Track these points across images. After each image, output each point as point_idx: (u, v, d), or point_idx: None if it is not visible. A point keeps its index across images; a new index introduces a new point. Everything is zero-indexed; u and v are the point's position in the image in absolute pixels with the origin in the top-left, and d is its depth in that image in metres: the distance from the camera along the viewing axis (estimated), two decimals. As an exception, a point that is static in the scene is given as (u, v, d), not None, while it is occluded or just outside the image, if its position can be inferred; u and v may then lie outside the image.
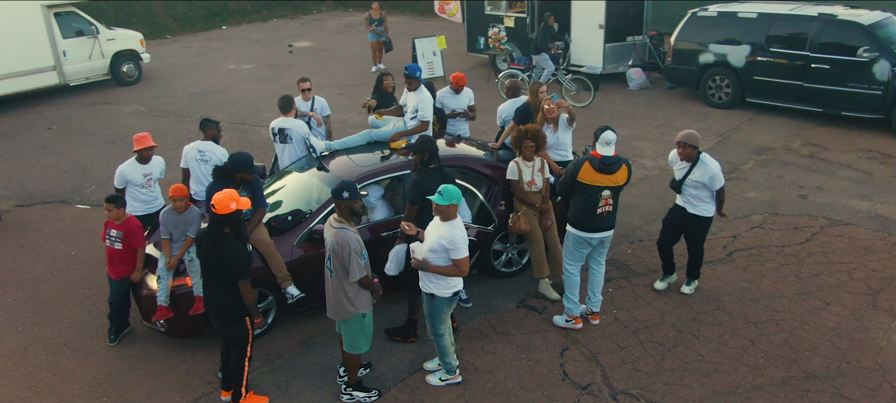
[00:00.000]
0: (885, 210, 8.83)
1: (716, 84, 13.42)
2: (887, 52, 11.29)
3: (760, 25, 12.66)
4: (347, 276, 5.25)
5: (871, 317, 6.61)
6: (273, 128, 8.22)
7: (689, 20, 13.76)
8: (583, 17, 15.31)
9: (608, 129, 6.26)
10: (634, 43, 15.58)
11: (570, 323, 6.63)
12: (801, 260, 7.68)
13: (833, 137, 11.55)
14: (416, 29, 22.45)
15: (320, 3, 29.46)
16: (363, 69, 17.90)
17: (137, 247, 6.50)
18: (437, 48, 16.32)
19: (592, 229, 6.32)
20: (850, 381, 5.76)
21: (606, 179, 6.17)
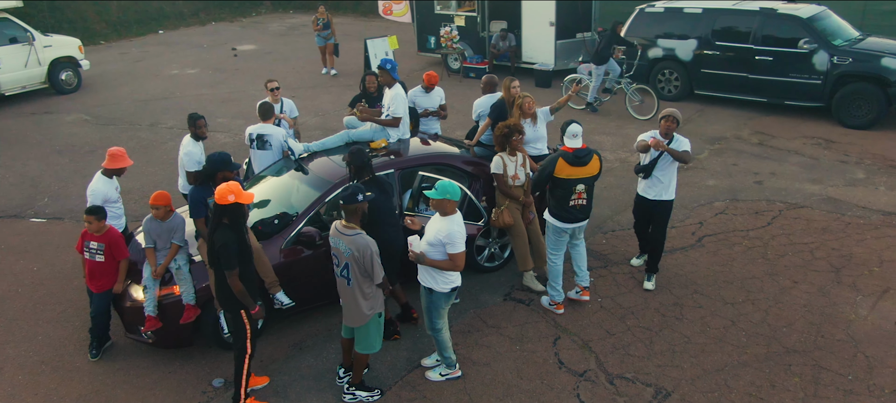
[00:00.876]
0: (835, 192, 9.34)
1: (665, 77, 13.89)
2: (825, 44, 11.92)
3: (706, 20, 13.16)
4: (373, 279, 5.26)
5: (838, 293, 6.99)
6: (250, 134, 8.10)
7: (637, 16, 14.19)
8: (533, 15, 15.59)
9: (574, 123, 6.50)
10: (584, 39, 15.94)
11: (552, 307, 6.85)
12: (765, 243, 8.06)
13: (779, 126, 12.12)
14: (360, 30, 22.34)
15: (259, 6, 28.98)
16: (312, 71, 17.76)
17: (121, 259, 6.32)
18: (389, 48, 16.31)
19: (568, 221, 6.55)
20: (826, 353, 6.10)
21: (580, 171, 6.40)
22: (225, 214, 5.11)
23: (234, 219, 5.15)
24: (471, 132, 9.10)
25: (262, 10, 28.80)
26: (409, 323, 6.69)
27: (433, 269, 5.48)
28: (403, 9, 18.27)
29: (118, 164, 6.87)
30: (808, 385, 5.71)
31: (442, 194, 5.41)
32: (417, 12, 17.58)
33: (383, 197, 6.19)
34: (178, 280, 6.18)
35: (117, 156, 6.86)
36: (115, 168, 6.87)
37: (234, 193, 5.10)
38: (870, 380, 5.74)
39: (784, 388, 5.69)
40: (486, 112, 8.44)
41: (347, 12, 27.28)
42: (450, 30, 16.22)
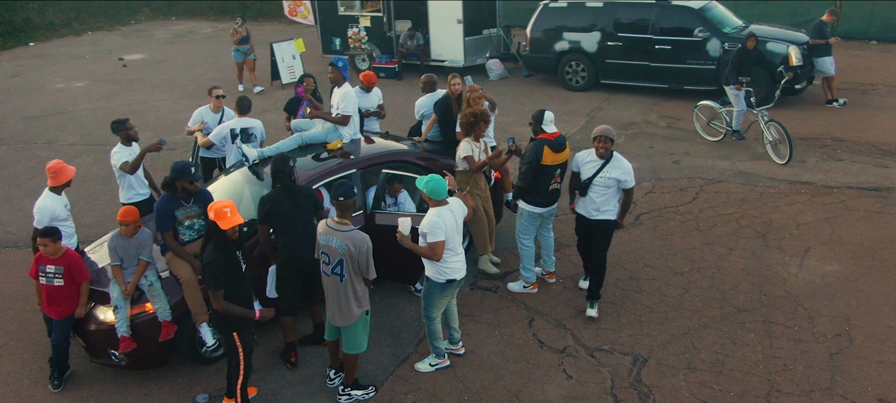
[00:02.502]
0: (744, 166, 10.22)
1: (572, 69, 14.56)
2: (717, 32, 12.95)
3: (607, 13, 13.92)
4: (367, 274, 5.30)
5: (768, 255, 7.71)
6: (234, 130, 7.95)
7: (541, 11, 14.78)
8: (440, 13, 15.87)
9: (547, 110, 6.79)
10: (490, 36, 16.40)
11: (527, 288, 7.16)
12: (695, 216, 8.72)
13: (681, 109, 13.04)
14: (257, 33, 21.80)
15: (137, 13, 27.57)
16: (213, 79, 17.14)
17: (82, 281, 5.99)
18: (295, 51, 16.11)
19: (545, 205, 6.85)
20: (772, 310, 6.74)
21: (560, 157, 6.71)
22: (212, 231, 5.01)
23: (218, 239, 5.04)
24: (412, 130, 9.26)
25: (142, 17, 27.42)
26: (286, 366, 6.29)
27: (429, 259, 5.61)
28: (306, 10, 18.04)
29: (63, 178, 6.51)
30: (762, 339, 6.30)
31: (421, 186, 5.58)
32: (320, 14, 17.43)
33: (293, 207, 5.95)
34: (150, 296, 5.94)
35: (58, 171, 6.49)
36: (62, 183, 6.50)
37: (215, 211, 5.00)
38: (813, 329, 6.41)
39: (744, 344, 6.25)
40: (429, 111, 8.63)
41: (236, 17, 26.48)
42: (358, 30, 16.21)
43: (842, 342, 6.22)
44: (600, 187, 6.33)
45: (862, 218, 8.44)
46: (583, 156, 6.49)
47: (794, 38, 12.81)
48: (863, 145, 10.84)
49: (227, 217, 4.99)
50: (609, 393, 5.74)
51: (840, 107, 12.69)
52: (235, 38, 15.32)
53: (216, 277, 5.05)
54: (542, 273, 7.31)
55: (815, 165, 10.12)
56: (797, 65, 12.41)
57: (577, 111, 13.22)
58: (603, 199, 6.37)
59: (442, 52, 16.12)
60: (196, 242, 6.22)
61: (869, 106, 12.69)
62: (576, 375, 5.96)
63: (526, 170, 6.69)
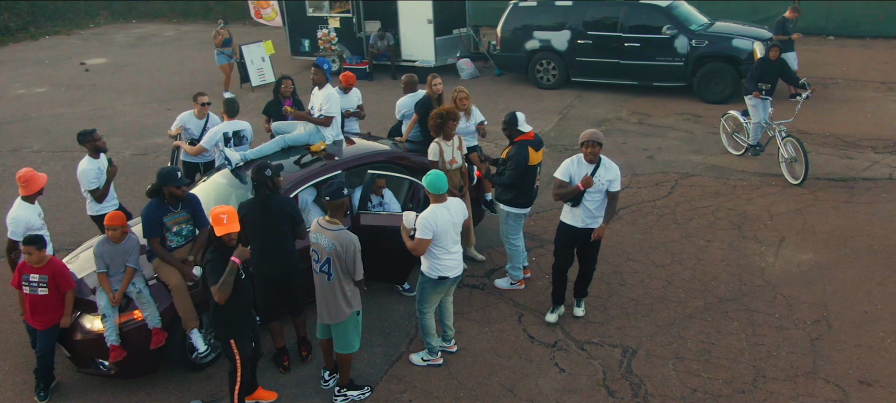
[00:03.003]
0: (716, 160, 10.47)
1: (543, 67, 14.72)
2: (684, 29, 13.22)
3: (577, 12, 14.10)
4: (354, 275, 5.32)
5: (745, 246, 7.92)
6: (226, 133, 7.85)
7: (512, 10, 14.90)
8: (410, 13, 15.89)
9: (518, 112, 6.88)
10: (460, 35, 16.48)
11: (513, 285, 7.28)
12: (672, 210, 8.91)
13: (651, 105, 13.28)
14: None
15: (96, 17, 26.98)
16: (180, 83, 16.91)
17: (67, 290, 5.88)
18: (265, 54, 15.97)
19: (529, 204, 6.98)
20: (753, 298, 6.93)
21: (540, 156, 6.85)
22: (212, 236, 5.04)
23: (218, 243, 5.06)
24: (393, 130, 9.26)
25: (101, 20, 26.85)
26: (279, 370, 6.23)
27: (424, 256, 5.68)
28: (272, 12, 17.88)
29: (35, 187, 6.38)
30: (746, 327, 6.48)
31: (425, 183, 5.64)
32: (288, 15, 17.30)
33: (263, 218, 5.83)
34: (139, 304, 5.86)
35: (30, 179, 6.36)
36: (35, 192, 6.37)
37: (212, 216, 5.01)
38: (793, 316, 6.61)
39: (728, 332, 6.42)
40: (410, 111, 8.65)
41: (198, 19, 26.17)
42: (327, 31, 16.13)
43: (821, 327, 6.42)
44: (595, 193, 6.16)
45: (831, 208, 8.71)
46: (572, 165, 6.22)
47: (759, 35, 13.16)
48: (827, 137, 11.19)
49: (222, 224, 4.98)
50: (602, 385, 5.84)
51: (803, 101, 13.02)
52: (218, 40, 14.99)
53: (216, 274, 5.03)
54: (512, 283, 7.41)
55: (783, 158, 10.39)
56: (762, 60, 12.72)
57: (549, 109, 13.37)
58: (597, 206, 6.22)
59: (413, 52, 16.13)
60: (184, 248, 6.17)
61: (830, 99, 13.09)
62: (568, 368, 6.05)
63: (512, 173, 6.71)
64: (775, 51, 10.02)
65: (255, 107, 14.43)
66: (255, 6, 18.12)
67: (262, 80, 15.88)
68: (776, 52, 10.02)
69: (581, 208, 6.23)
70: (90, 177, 7.14)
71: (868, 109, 12.41)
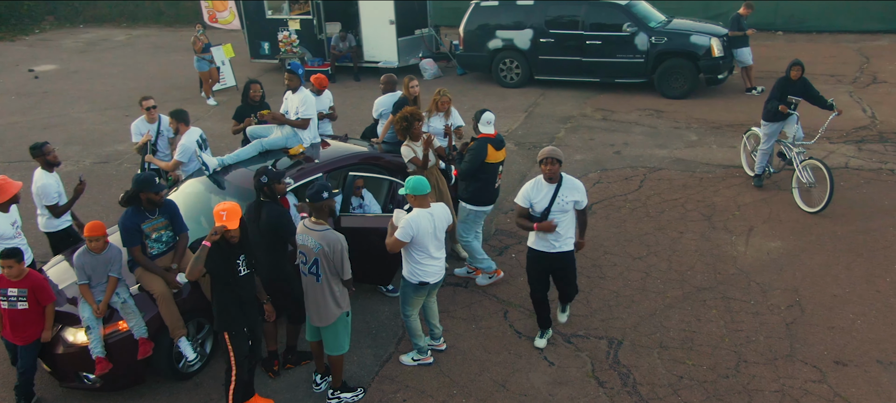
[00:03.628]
0: (681, 154, 10.75)
1: (506, 66, 14.86)
2: (644, 27, 13.51)
3: (538, 11, 14.27)
4: (342, 274, 5.32)
5: (716, 236, 8.16)
6: (198, 140, 7.72)
7: (473, 10, 14.99)
8: (372, 14, 15.85)
9: (487, 111, 7.01)
10: (422, 36, 16.51)
11: (492, 278, 7.38)
12: (644, 203, 9.12)
13: (614, 101, 13.54)
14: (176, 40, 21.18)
15: (41, 22, 26.13)
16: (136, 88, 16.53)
17: (47, 303, 5.73)
18: (224, 57, 15.73)
19: (490, 202, 7.14)
20: (728, 286, 7.15)
21: (500, 155, 6.99)
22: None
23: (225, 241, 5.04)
24: (367, 131, 9.26)
25: (46, 26, 26.01)
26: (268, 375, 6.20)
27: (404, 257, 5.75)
28: (230, 15, 17.60)
29: (7, 194, 6.21)
30: (724, 314, 6.69)
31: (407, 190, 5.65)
32: (247, 18, 17.06)
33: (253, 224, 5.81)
34: (124, 314, 5.74)
35: (2, 187, 6.18)
36: (7, 199, 6.20)
37: (214, 213, 5.00)
38: (767, 302, 6.85)
39: (708, 320, 6.62)
40: (387, 109, 8.67)
41: (149, 23, 25.60)
42: (288, 34, 15.97)
43: (794, 312, 6.67)
44: (559, 213, 5.84)
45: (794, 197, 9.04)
46: (531, 189, 5.91)
47: (715, 31, 13.53)
48: (784, 129, 11.57)
49: (220, 220, 4.96)
50: (591, 376, 5.96)
51: (758, 94, 13.48)
52: (198, 46, 14.53)
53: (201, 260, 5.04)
54: (468, 271, 7.54)
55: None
56: (719, 56, 13.11)
57: (514, 107, 13.51)
58: (564, 227, 5.88)
59: (375, 53, 16.10)
60: (166, 255, 6.08)
61: (784, 92, 13.53)
62: (557, 361, 6.16)
63: (467, 164, 6.92)
64: (797, 70, 8.80)
65: (217, 111, 14.26)
66: (209, 9, 17.81)
67: (223, 84, 15.65)
68: (798, 72, 8.81)
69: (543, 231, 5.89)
70: (50, 191, 6.94)
71: (820, 101, 12.87)
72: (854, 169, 9.82)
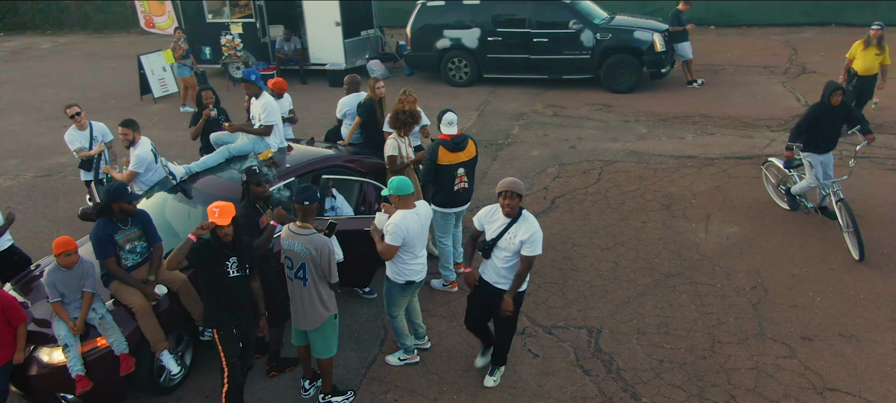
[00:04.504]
0: (633, 146, 11.08)
1: (455, 65, 14.96)
2: (589, 24, 13.84)
3: (484, 10, 14.43)
4: (329, 278, 5.30)
5: (677, 224, 8.46)
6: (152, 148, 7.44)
7: (420, 10, 15.04)
8: (317, 15, 15.70)
9: (449, 111, 7.06)
10: (368, 37, 16.44)
11: (446, 287, 7.39)
12: (604, 196, 9.36)
13: (563, 97, 13.82)
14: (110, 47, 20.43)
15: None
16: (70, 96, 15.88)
17: (19, 324, 5.49)
18: (165, 63, 15.29)
19: (453, 205, 7.10)
20: (694, 272, 7.43)
21: (460, 156, 6.94)
22: None
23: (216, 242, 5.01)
24: (330, 132, 9.20)
25: (-39, 35, 24.69)
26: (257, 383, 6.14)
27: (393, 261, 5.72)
28: (168, 20, 17.11)
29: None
30: (694, 298, 6.95)
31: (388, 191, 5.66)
32: (186, 22, 16.61)
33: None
34: (103, 330, 5.56)
35: None
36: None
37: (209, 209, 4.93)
38: (732, 285, 7.16)
39: (679, 305, 6.87)
40: (352, 110, 8.65)
41: (76, 30, 24.62)
42: (232, 38, 15.65)
43: (759, 293, 6.99)
44: (504, 251, 5.29)
45: (745, 183, 9.45)
46: (487, 214, 5.46)
47: (657, 27, 13.97)
48: (727, 119, 12.08)
49: (213, 216, 4.88)
50: (576, 365, 6.11)
51: (699, 87, 14.01)
52: (179, 53, 13.92)
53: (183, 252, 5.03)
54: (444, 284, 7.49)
55: (693, 140, 11.16)
56: (662, 51, 13.56)
57: (466, 106, 13.62)
58: (508, 267, 5.33)
59: (321, 55, 15.95)
60: (142, 267, 5.92)
61: (722, 84, 14.12)
62: (541, 353, 6.28)
63: (423, 169, 7.02)
64: (837, 96, 7.46)
65: (160, 119, 13.87)
66: (146, 14, 17.26)
67: (165, 91, 15.23)
68: (839, 97, 7.48)
69: (490, 263, 5.43)
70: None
71: (757, 92, 13.49)
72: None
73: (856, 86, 10.71)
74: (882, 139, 10.75)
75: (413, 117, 7.31)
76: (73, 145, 8.29)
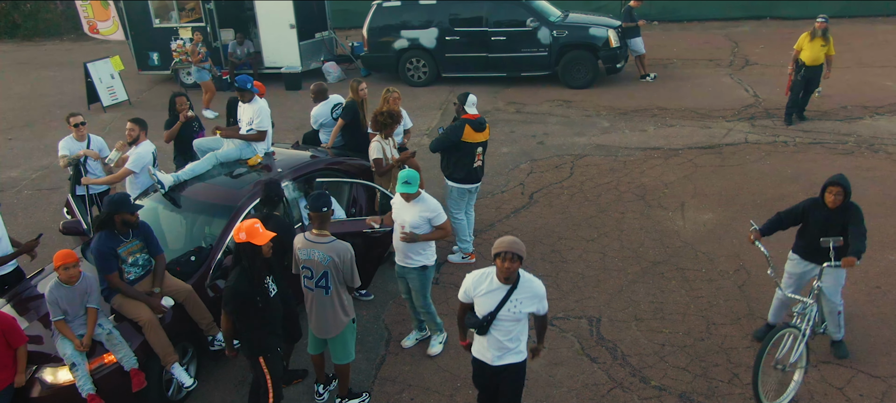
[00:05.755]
0: (599, 140, 11.38)
1: (413, 65, 15.01)
2: (545, 21, 14.12)
3: (441, 10, 14.53)
4: (352, 283, 5.29)
5: (654, 213, 8.76)
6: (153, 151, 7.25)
7: (376, 11, 15.01)
8: (270, 17, 15.48)
9: (471, 93, 7.40)
10: (323, 39, 16.30)
11: (465, 259, 7.73)
12: (580, 189, 9.60)
13: (523, 95, 14.05)
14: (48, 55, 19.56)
15: None
16: (11, 108, 15.19)
17: (19, 345, 5.27)
18: (113, 70, 14.80)
19: (471, 181, 7.47)
20: (679, 258, 7.72)
21: (480, 136, 7.34)
22: (241, 255, 4.74)
23: (251, 263, 4.80)
24: (306, 137, 9.14)
25: None
26: None
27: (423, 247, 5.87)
28: (112, 26, 16.54)
29: None
30: (683, 285, 7.23)
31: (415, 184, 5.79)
32: (132, 28, 16.10)
33: None
34: (110, 346, 5.39)
35: None
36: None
37: (246, 231, 4.72)
38: (717, 269, 7.47)
39: (670, 290, 7.13)
40: (327, 119, 8.67)
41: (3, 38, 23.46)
42: (183, 42, 15.25)
43: (742, 276, 7.32)
44: (508, 322, 4.50)
45: (711, 172, 9.85)
46: (475, 281, 4.58)
47: (610, 23, 14.36)
48: (684, 111, 12.54)
49: (259, 233, 4.74)
50: (582, 354, 6.27)
51: (652, 80, 14.48)
52: (197, 58, 13.61)
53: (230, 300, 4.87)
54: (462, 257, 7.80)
55: (655, 132, 11.54)
56: (616, 46, 13.94)
57: (427, 105, 13.69)
58: (511, 337, 4.56)
59: (276, 58, 15.72)
60: (145, 279, 5.77)
61: (674, 77, 14.64)
62: (547, 344, 6.39)
63: (442, 138, 7.35)
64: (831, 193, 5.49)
65: (111, 128, 13.40)
66: (89, 20, 16.62)
67: (114, 100, 14.73)
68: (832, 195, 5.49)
69: (489, 338, 4.57)
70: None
71: (707, 84, 14.04)
72: (753, 143, 10.82)
73: (804, 76, 11.28)
74: (830, 125, 11.40)
75: (392, 118, 7.42)
76: (61, 151, 7.93)
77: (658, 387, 5.80)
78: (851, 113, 11.92)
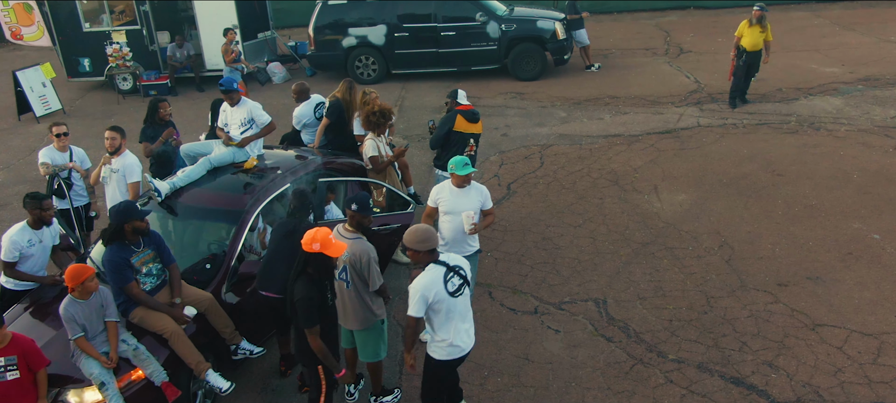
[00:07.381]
0: (560, 129, 11.69)
1: (363, 63, 14.93)
2: (494, 15, 14.34)
3: (390, 6, 14.52)
4: (369, 285, 5.24)
5: (631, 197, 9.11)
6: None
7: (322, 9, 14.83)
8: (211, 18, 15.02)
9: (460, 89, 7.63)
10: (266, 39, 15.96)
11: None
12: (554, 177, 9.85)
13: (476, 88, 14.21)
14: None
15: None
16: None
17: (40, 369, 4.99)
18: (45, 78, 14.01)
19: None
20: (664, 238, 8.07)
21: (473, 128, 7.45)
22: (308, 264, 4.62)
23: (319, 272, 4.69)
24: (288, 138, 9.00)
25: None
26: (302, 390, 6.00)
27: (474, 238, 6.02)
28: (37, 31, 15.60)
29: None
30: (675, 263, 7.57)
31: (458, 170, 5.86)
32: (59, 33, 15.24)
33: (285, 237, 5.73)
34: (138, 362, 5.19)
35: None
36: None
37: (321, 242, 4.60)
38: (702, 246, 7.87)
39: (664, 269, 7.45)
40: (310, 119, 8.58)
41: None
42: (119, 47, 14.58)
43: (726, 251, 7.74)
44: None
45: (674, 155, 10.32)
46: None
47: (556, 16, 14.74)
48: (634, 98, 13.04)
49: (332, 244, 4.62)
50: (597, 335, 6.49)
51: (597, 70, 14.96)
52: (231, 56, 13.31)
53: (310, 313, 4.68)
54: None
55: (611, 120, 11.97)
56: (563, 38, 14.33)
57: (382, 103, 13.64)
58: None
59: (218, 60, 15.20)
60: (162, 290, 5.57)
61: (618, 67, 15.18)
62: (561, 328, 6.60)
63: (437, 131, 7.45)
64: None
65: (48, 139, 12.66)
66: (11, 26, 15.61)
67: (47, 109, 13.91)
68: None
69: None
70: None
71: (650, 72, 14.64)
72: (706, 127, 11.40)
73: (745, 61, 11.94)
74: (771, 107, 12.14)
75: (384, 116, 7.47)
76: (42, 159, 7.52)
77: (677, 360, 6.08)
78: (787, 95, 12.72)
